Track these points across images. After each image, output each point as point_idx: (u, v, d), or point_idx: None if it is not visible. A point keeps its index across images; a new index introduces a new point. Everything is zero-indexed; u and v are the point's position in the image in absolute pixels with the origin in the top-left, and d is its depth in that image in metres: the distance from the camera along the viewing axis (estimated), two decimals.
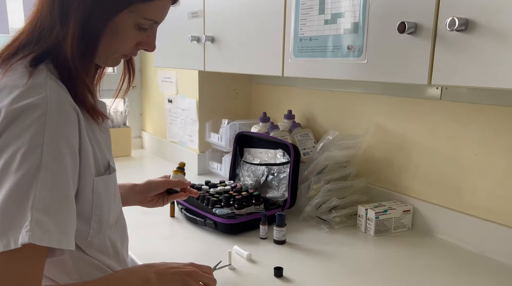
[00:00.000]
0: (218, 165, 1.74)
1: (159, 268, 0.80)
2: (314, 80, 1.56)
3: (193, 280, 0.82)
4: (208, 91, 1.79)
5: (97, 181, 0.74)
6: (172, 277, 0.80)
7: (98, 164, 0.76)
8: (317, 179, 1.29)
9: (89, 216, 0.75)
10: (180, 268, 0.83)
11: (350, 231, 1.24)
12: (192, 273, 0.83)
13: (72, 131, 0.67)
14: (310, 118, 1.60)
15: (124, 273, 0.79)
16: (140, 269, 0.79)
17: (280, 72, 1.07)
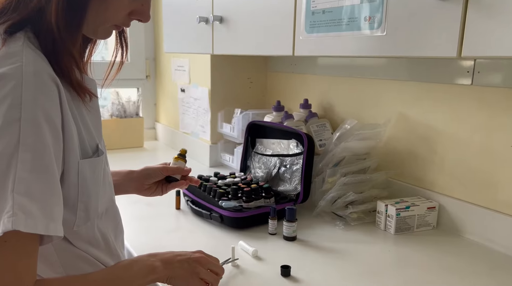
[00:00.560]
0: (230, 156, 1.66)
1: (164, 257, 0.75)
2: (332, 67, 1.46)
3: (201, 267, 0.77)
4: (220, 79, 1.71)
5: (83, 164, 0.67)
6: (179, 265, 0.75)
7: (85, 145, 0.69)
8: (333, 172, 1.19)
9: (74, 203, 0.68)
10: (188, 255, 0.77)
11: (368, 228, 1.14)
12: (200, 259, 0.78)
13: (53, 106, 0.60)
14: (328, 108, 1.49)
15: (128, 263, 0.73)
16: (145, 258, 0.74)
17: (290, 51, 0.98)
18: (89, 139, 0.71)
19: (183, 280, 0.76)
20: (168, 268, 0.74)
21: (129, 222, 1.16)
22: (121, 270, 0.71)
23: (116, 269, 0.72)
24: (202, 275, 0.77)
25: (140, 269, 0.72)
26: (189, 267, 0.76)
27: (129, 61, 2.17)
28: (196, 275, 0.76)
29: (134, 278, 0.71)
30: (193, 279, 0.76)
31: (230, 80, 1.73)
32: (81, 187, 0.68)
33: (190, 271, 0.76)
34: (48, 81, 0.60)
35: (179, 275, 0.75)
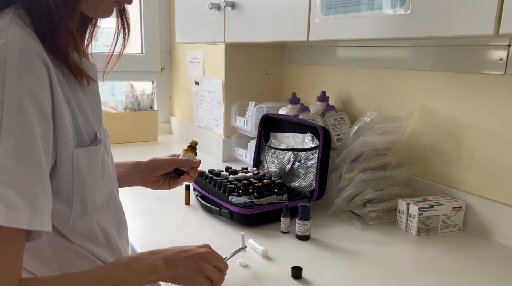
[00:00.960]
0: (244, 151, 1.60)
1: (166, 254, 0.69)
2: (351, 58, 1.38)
3: (208, 264, 0.71)
4: (235, 71, 1.65)
5: (78, 153, 0.62)
6: (183, 262, 0.70)
7: (80, 133, 0.64)
8: (350, 168, 1.11)
9: (69, 196, 0.63)
10: (193, 251, 0.71)
11: (387, 228, 1.06)
12: (207, 255, 0.72)
13: (41, 89, 0.55)
14: (347, 101, 1.42)
15: (127, 261, 0.68)
16: (146, 256, 0.68)
17: (305, 35, 0.91)
18: (87, 127, 0.65)
19: (188, 279, 0.70)
20: (171, 267, 0.69)
21: (135, 216, 1.11)
22: (119, 269, 0.66)
23: (114, 267, 0.66)
24: (208, 272, 0.71)
25: (140, 268, 0.66)
26: (194, 265, 0.70)
27: (143, 54, 2.14)
28: (202, 273, 0.71)
29: (133, 278, 0.66)
30: (198, 278, 0.71)
31: (245, 72, 1.67)
32: (76, 178, 0.63)
33: (196, 269, 0.70)
34: (36, 62, 0.55)
35: (183, 274, 0.70)
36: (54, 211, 0.61)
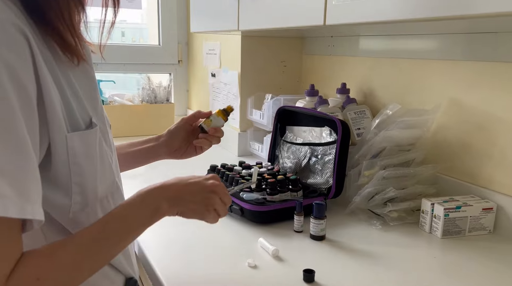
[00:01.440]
0: (260, 145, 1.54)
1: (171, 194, 0.66)
2: (374, 47, 1.30)
3: (217, 197, 0.68)
4: (252, 63, 1.59)
5: (72, 138, 0.57)
6: (191, 198, 0.67)
7: (74, 117, 0.58)
8: (371, 164, 1.04)
9: (67, 185, 0.58)
10: (201, 184, 0.69)
11: (410, 229, 0.99)
12: (217, 188, 0.69)
13: (22, 64, 0.49)
14: (368, 93, 1.34)
15: (127, 206, 0.63)
16: (149, 197, 0.64)
17: (321, 20, 0.84)
18: (81, 111, 0.60)
19: (196, 214, 0.68)
20: (176, 205, 0.66)
21: None
22: (116, 223, 0.61)
23: (111, 220, 0.61)
24: (216, 206, 0.68)
25: (142, 214, 0.63)
26: (203, 200, 0.67)
27: (160, 46, 2.10)
28: (211, 206, 0.68)
29: (133, 228, 0.62)
30: (208, 212, 0.68)
31: (262, 64, 1.60)
32: (72, 165, 0.58)
33: (205, 203, 0.68)
34: (12, 33, 0.49)
35: (192, 209, 0.68)
36: (54, 202, 0.57)
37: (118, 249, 0.61)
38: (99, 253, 0.59)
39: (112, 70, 2.03)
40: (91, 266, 0.58)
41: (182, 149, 0.92)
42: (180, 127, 0.91)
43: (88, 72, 0.64)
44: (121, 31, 2.90)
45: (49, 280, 0.53)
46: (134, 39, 2.74)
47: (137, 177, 1.30)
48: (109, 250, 0.60)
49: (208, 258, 0.85)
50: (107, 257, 0.60)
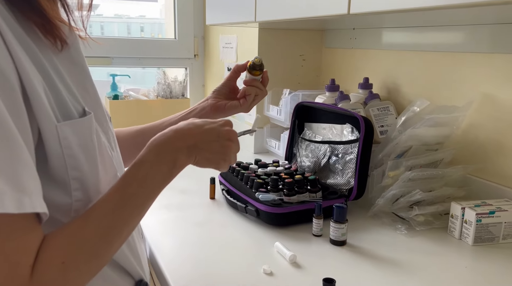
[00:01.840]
0: (277, 142, 1.48)
1: (187, 144, 0.61)
2: (399, 40, 1.23)
3: (234, 146, 0.66)
4: (269, 56, 1.53)
5: (63, 128, 0.51)
6: (207, 146, 0.63)
7: (65, 105, 0.53)
8: (396, 164, 0.97)
9: (65, 181, 0.53)
10: (217, 131, 0.64)
11: (438, 235, 0.92)
12: (233, 137, 0.65)
13: None
14: (393, 89, 1.26)
15: (142, 165, 0.58)
16: (164, 150, 0.59)
17: (345, 8, 0.77)
18: (72, 99, 0.54)
19: (211, 163, 0.64)
20: (193, 155, 0.61)
21: (153, 210, 1.03)
22: (134, 187, 0.56)
23: (127, 185, 0.56)
24: (232, 155, 0.66)
25: (158, 173, 0.58)
26: (220, 149, 0.64)
27: (176, 39, 2.06)
28: (228, 156, 0.65)
29: (153, 188, 0.58)
30: (224, 162, 0.65)
31: (280, 57, 1.54)
32: (68, 158, 0.52)
33: (222, 153, 0.64)
34: None
35: (207, 159, 0.63)
36: (55, 202, 0.53)
37: (141, 213, 0.58)
38: (122, 223, 0.55)
39: (127, 65, 1.99)
40: (116, 238, 0.55)
41: (225, 103, 0.91)
42: (225, 87, 0.91)
43: (75, 58, 0.57)
44: (140, 26, 2.87)
45: (75, 261, 0.50)
46: (153, 34, 2.71)
47: None
48: (132, 217, 0.56)
49: (221, 263, 0.80)
50: (130, 225, 0.56)
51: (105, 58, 1.91)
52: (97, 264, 0.53)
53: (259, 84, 0.91)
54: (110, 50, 1.90)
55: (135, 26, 3.00)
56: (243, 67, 0.90)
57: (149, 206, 0.59)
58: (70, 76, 0.55)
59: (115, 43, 1.91)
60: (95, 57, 1.88)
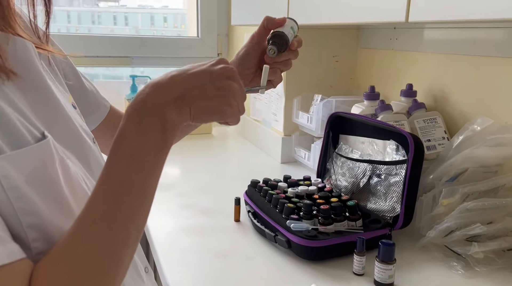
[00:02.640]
0: (306, 153, 1.36)
1: (173, 95, 0.47)
2: (448, 41, 1.08)
3: (234, 84, 0.51)
4: (299, 57, 1.39)
5: (3, 161, 0.39)
6: (201, 93, 0.48)
7: (13, 132, 0.41)
8: (451, 191, 0.84)
9: (19, 230, 0.41)
10: (208, 71, 0.50)
11: (502, 277, 0.78)
12: (230, 72, 0.50)
13: None
14: (440, 97, 1.12)
15: (123, 140, 0.45)
16: (146, 112, 0.46)
17: (403, 15, 0.64)
18: (27, 124, 0.43)
19: (214, 112, 0.50)
20: (185, 107, 0.47)
21: (171, 234, 0.93)
22: (123, 173, 0.43)
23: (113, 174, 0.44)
24: (237, 96, 0.51)
25: (147, 145, 0.45)
26: (218, 91, 0.49)
27: (199, 37, 1.95)
28: (231, 98, 0.50)
29: (148, 167, 0.45)
30: (229, 107, 0.50)
31: (311, 58, 1.41)
32: (15, 201, 0.40)
33: (222, 95, 0.49)
34: None
35: (206, 108, 0.49)
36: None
37: (145, 201, 0.45)
38: (121, 223, 0.43)
39: (148, 65, 1.90)
40: (120, 243, 0.43)
41: (250, 76, 0.74)
42: (251, 51, 0.72)
43: (33, 81, 0.47)
44: (163, 17, 2.80)
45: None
46: (176, 25, 2.64)
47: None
48: (133, 209, 0.44)
49: None
50: (136, 219, 0.44)
51: (125, 58, 1.82)
52: (108, 281, 0.42)
53: (282, 65, 0.73)
54: (129, 50, 1.81)
55: (158, 17, 2.96)
56: (278, 24, 0.70)
57: (153, 188, 0.46)
58: (26, 100, 0.45)
59: (134, 42, 1.81)
60: (114, 57, 1.79)
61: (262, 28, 0.71)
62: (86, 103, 0.74)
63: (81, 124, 0.55)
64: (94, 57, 1.74)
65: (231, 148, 1.70)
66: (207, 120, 0.50)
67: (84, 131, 0.54)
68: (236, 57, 0.74)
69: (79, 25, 2.38)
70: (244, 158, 1.54)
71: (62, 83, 0.60)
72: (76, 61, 0.71)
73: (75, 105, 0.60)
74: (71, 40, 1.70)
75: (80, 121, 0.56)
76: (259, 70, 0.73)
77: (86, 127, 0.57)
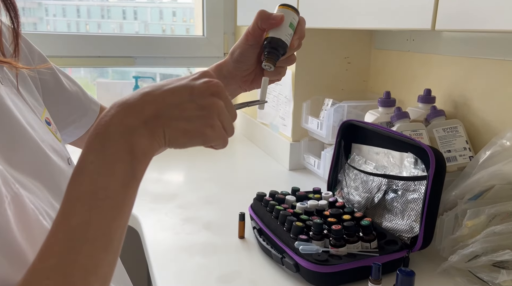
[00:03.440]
0: (316, 160, 1.29)
1: (144, 115, 0.39)
2: (470, 42, 0.99)
3: (220, 102, 0.43)
4: (309, 59, 1.32)
5: None
6: (178, 112, 0.40)
7: None
8: (476, 212, 0.76)
9: None
10: (189, 86, 0.42)
11: None
12: (215, 87, 0.42)
13: None
14: (461, 104, 1.04)
15: (84, 172, 0.37)
16: (111, 137, 0.38)
17: (428, 22, 0.56)
18: None
19: (194, 136, 0.42)
20: (158, 128, 0.39)
21: (171, 253, 0.86)
22: (83, 214, 0.36)
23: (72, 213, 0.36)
24: (222, 116, 0.43)
25: (112, 177, 0.37)
26: (199, 110, 0.41)
27: (205, 37, 1.88)
28: (215, 117, 0.42)
29: (109, 206, 0.37)
30: (212, 129, 0.42)
31: (321, 60, 1.33)
32: None
33: (204, 116, 0.41)
34: None
35: (184, 130, 0.41)
36: None
37: (110, 248, 0.37)
38: (78, 282, 0.35)
39: (151, 65, 1.84)
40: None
41: (251, 77, 0.67)
42: (247, 53, 0.64)
43: None
44: (172, 11, 2.77)
45: None
46: (185, 19, 2.62)
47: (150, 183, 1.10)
48: (95, 260, 0.36)
49: None
50: (99, 272, 0.37)
51: (127, 58, 1.75)
52: None
53: (284, 63, 0.66)
54: (132, 50, 1.75)
55: (167, 11, 2.95)
56: (275, 23, 0.61)
57: (120, 231, 0.38)
58: None
59: (138, 41, 1.75)
60: (116, 57, 1.73)
61: (256, 28, 0.62)
62: (70, 109, 0.69)
63: (52, 144, 0.48)
64: (95, 58, 1.68)
65: (237, 153, 1.63)
66: (187, 145, 0.42)
67: (55, 153, 0.48)
68: (231, 58, 0.66)
69: (88, 19, 2.35)
70: (251, 164, 1.47)
71: (36, 97, 0.54)
72: (77, 63, 0.66)
73: (49, 121, 0.53)
74: (71, 40, 1.64)
75: (52, 140, 0.50)
76: (258, 65, 0.66)
77: (59, 146, 0.51)
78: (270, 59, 0.62)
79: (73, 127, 0.71)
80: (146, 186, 1.20)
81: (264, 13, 0.61)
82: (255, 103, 0.60)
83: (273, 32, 0.62)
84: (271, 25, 0.61)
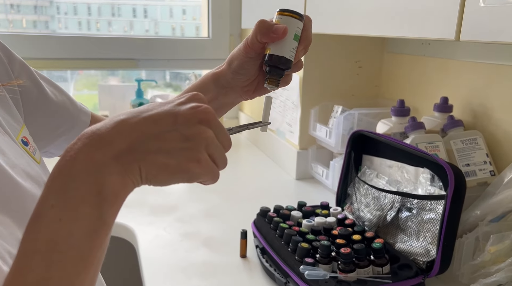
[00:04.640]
0: (324, 170, 1.22)
1: (116, 149, 0.33)
2: (490, 47, 0.92)
3: (209, 131, 0.37)
4: (317, 63, 1.26)
5: None
6: (158, 143, 0.34)
7: None
8: (500, 237, 0.69)
9: None
10: (173, 113, 0.36)
11: None
12: (204, 114, 0.36)
13: None
14: (481, 113, 0.97)
15: (44, 219, 0.31)
16: (76, 177, 0.32)
17: (452, 32, 0.50)
18: None
19: (176, 172, 0.35)
20: (132, 164, 0.33)
21: (166, 274, 0.80)
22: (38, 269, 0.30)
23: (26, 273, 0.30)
24: (212, 148, 0.37)
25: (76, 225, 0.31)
26: (183, 143, 0.35)
27: (210, 38, 1.82)
28: (203, 151, 0.36)
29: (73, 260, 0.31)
30: (198, 164, 0.36)
31: (331, 64, 1.27)
32: None
33: (190, 148, 0.35)
34: None
35: (164, 166, 0.35)
36: None
37: None
38: None
39: (155, 67, 1.79)
40: None
41: (254, 84, 0.61)
42: (247, 66, 0.58)
43: None
44: (182, 9, 2.76)
45: None
46: (195, 18, 2.60)
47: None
48: None
49: None
50: None
51: (130, 60, 1.70)
52: None
53: None
54: (135, 52, 1.70)
55: (177, 9, 2.94)
56: (276, 37, 0.54)
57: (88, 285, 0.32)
58: None
59: (141, 43, 1.70)
60: (119, 59, 1.68)
61: (256, 42, 0.55)
62: (57, 121, 0.64)
63: (25, 169, 0.43)
64: (97, 60, 1.64)
65: (242, 160, 1.57)
66: (168, 182, 0.36)
67: (28, 179, 0.42)
68: (229, 68, 0.60)
69: (99, 17, 2.34)
70: (256, 172, 1.41)
71: (12, 114, 0.48)
72: (77, 65, 0.60)
73: (26, 141, 0.48)
74: (73, 42, 1.60)
75: (26, 164, 0.44)
76: (261, 73, 0.60)
77: (35, 170, 0.45)
78: (273, 81, 0.56)
79: (62, 140, 0.66)
80: (145, 197, 1.15)
81: (264, 25, 0.54)
82: (257, 126, 0.53)
83: (275, 48, 0.55)
84: (272, 39, 0.54)
